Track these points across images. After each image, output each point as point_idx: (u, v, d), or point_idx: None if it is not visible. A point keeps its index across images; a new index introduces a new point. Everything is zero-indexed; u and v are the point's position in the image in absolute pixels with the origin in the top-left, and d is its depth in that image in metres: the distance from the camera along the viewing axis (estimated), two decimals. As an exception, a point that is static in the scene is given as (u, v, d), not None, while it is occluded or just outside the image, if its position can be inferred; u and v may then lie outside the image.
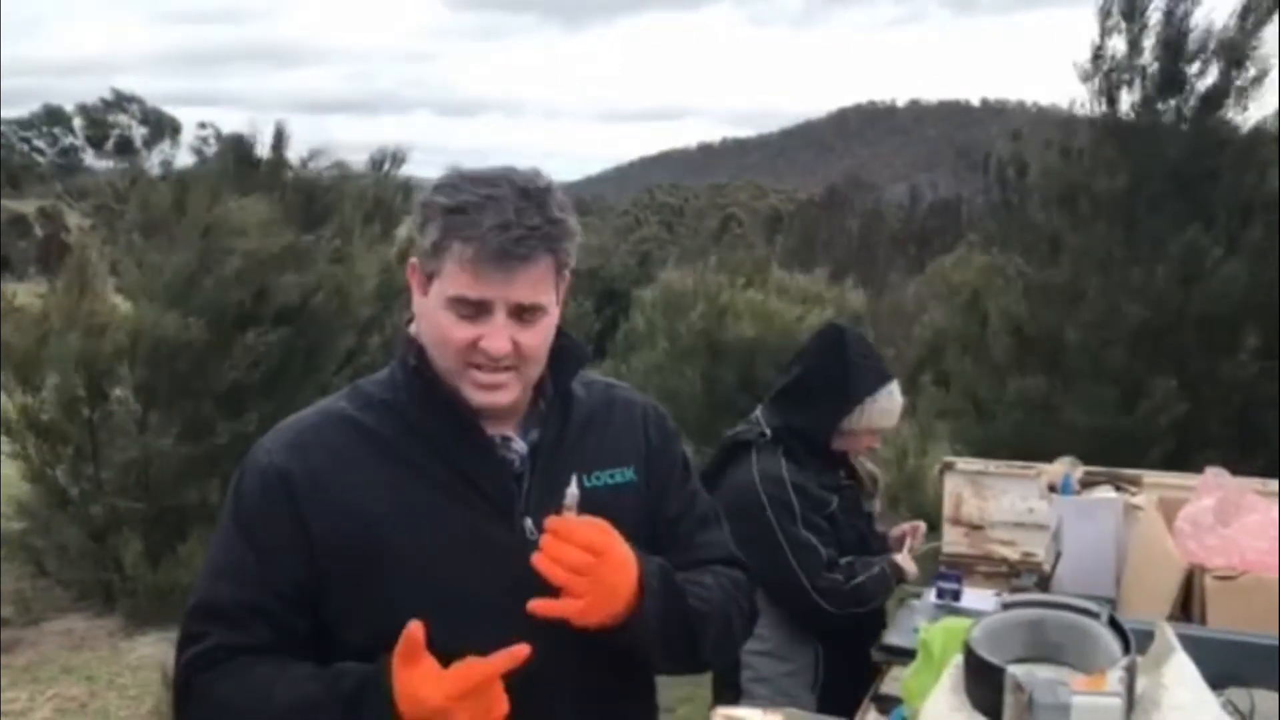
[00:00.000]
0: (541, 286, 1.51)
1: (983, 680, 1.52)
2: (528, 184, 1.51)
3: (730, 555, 1.81)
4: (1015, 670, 1.46)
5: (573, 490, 1.50)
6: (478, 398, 1.54)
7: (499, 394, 1.54)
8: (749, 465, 3.03)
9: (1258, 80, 5.99)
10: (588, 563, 1.46)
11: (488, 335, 1.49)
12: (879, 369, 3.10)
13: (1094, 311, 6.11)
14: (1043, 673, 1.48)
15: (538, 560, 1.46)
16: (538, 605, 1.45)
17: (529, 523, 1.56)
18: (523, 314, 1.51)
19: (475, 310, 1.50)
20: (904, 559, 3.17)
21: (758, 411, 3.18)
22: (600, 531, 1.49)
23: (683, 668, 1.72)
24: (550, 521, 1.47)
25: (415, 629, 1.38)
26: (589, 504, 1.58)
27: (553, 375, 1.66)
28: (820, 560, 2.96)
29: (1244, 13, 5.95)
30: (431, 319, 1.54)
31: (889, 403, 3.09)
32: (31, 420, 6.62)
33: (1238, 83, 6.01)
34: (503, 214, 1.46)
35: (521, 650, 1.40)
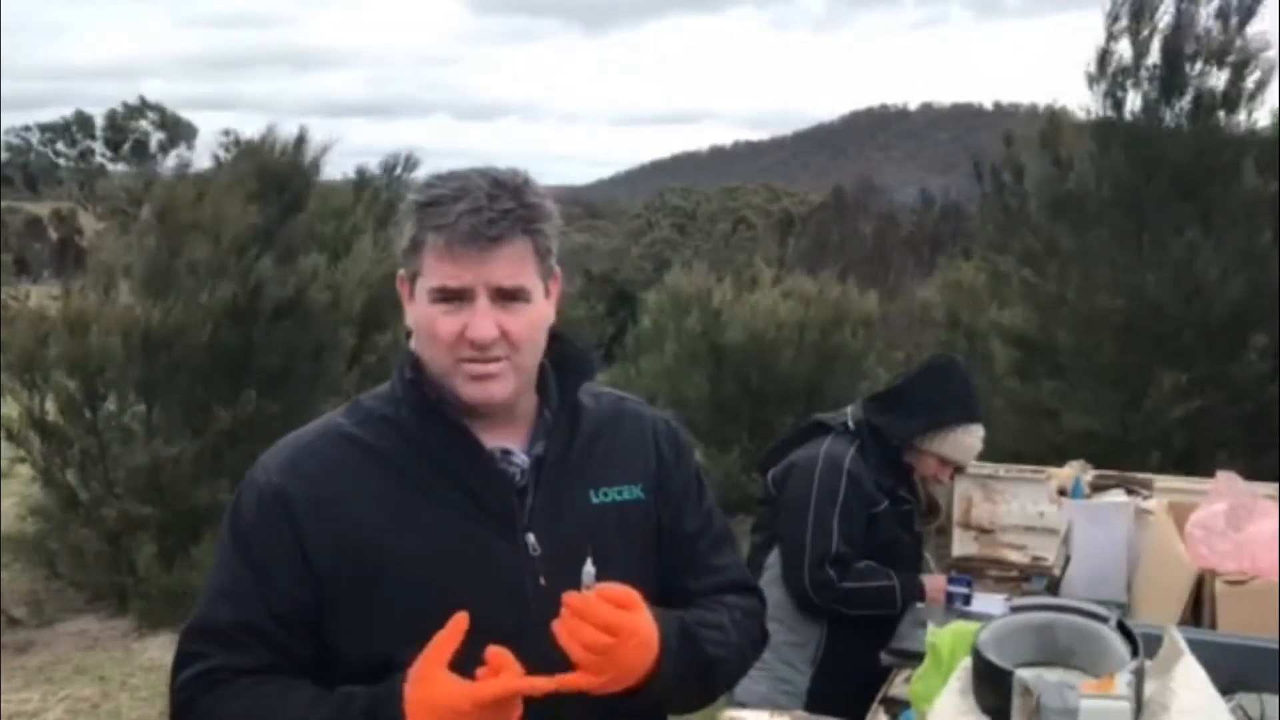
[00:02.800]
0: (520, 268, 1.49)
1: (990, 683, 1.52)
2: (501, 176, 1.51)
3: (744, 579, 1.80)
4: (1023, 673, 1.47)
5: (589, 570, 1.46)
6: (471, 392, 1.51)
7: (491, 385, 1.51)
8: (820, 445, 3.23)
9: (1262, 83, 5.99)
10: (606, 644, 1.42)
11: (472, 322, 1.47)
12: (969, 408, 3.27)
13: (1095, 315, 6.11)
14: (1051, 676, 1.48)
15: (557, 629, 1.43)
16: (557, 681, 1.42)
17: (531, 538, 1.54)
18: (505, 298, 1.49)
19: (457, 299, 1.48)
20: (932, 580, 3.29)
21: (850, 406, 3.36)
22: (622, 613, 1.45)
23: (696, 708, 1.72)
24: (569, 598, 1.43)
25: (460, 621, 1.39)
26: (597, 520, 1.58)
27: (559, 384, 1.64)
28: (829, 552, 3.11)
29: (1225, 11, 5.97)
30: (419, 319, 1.53)
31: (965, 438, 3.25)
32: (35, 423, 6.63)
33: (1243, 85, 6.01)
34: (475, 201, 1.46)
35: (549, 684, 1.39)
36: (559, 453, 1.60)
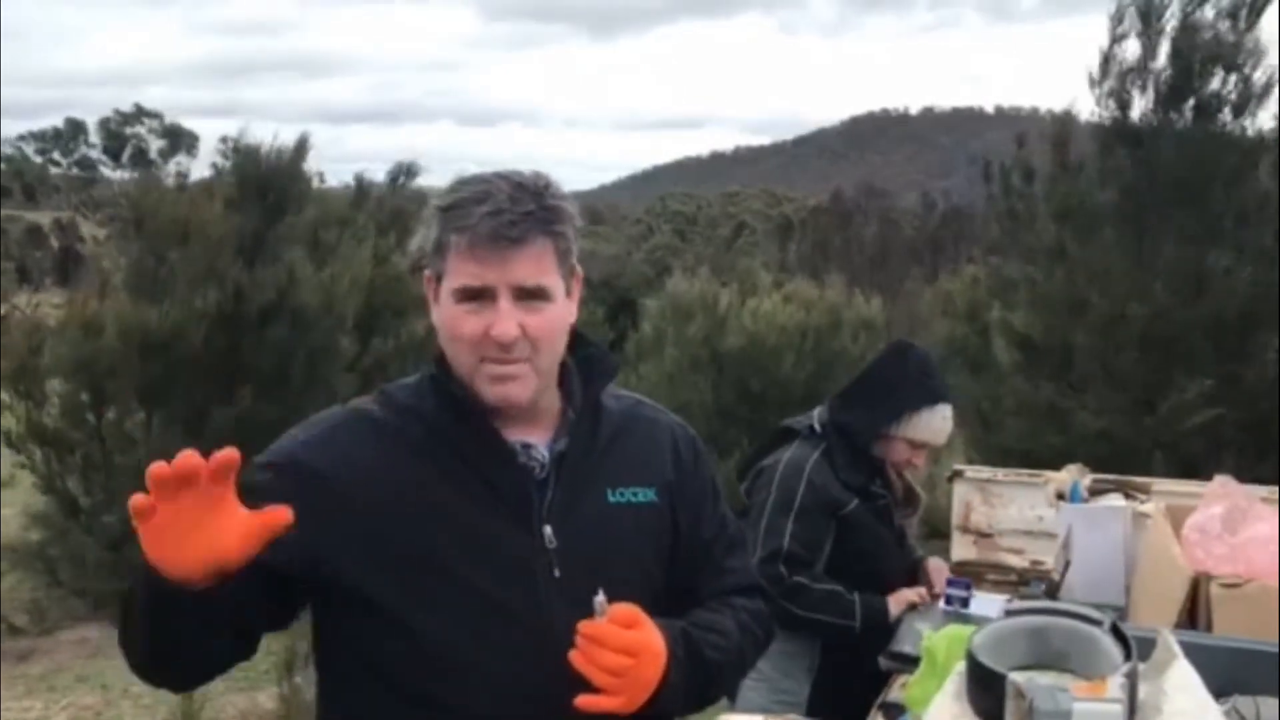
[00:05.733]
0: (542, 268, 1.53)
1: (984, 687, 1.52)
2: (524, 180, 1.54)
3: (753, 581, 1.83)
4: (1016, 677, 1.47)
5: (600, 599, 1.50)
6: (493, 392, 1.54)
7: (513, 386, 1.54)
8: (784, 452, 3.20)
9: (1266, 86, 6.00)
10: (627, 665, 1.48)
11: (495, 322, 1.50)
12: (933, 388, 3.21)
13: (1101, 318, 6.11)
14: (1044, 679, 1.49)
15: (575, 659, 1.47)
16: (582, 701, 1.47)
17: (548, 530, 1.57)
18: (527, 298, 1.52)
19: (480, 299, 1.51)
20: (896, 601, 3.20)
21: (818, 408, 3.32)
22: (634, 634, 1.50)
23: (696, 711, 1.74)
24: (584, 627, 1.48)
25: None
26: (612, 517, 1.62)
27: (583, 384, 1.67)
28: (779, 550, 3.07)
29: (1233, 12, 5.96)
30: (444, 319, 1.56)
31: (932, 419, 3.19)
32: (35, 430, 6.64)
33: (1240, 89, 6.01)
34: (497, 203, 1.50)
35: (232, 455, 1.29)
36: (581, 450, 1.64)
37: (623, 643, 1.48)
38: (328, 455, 1.56)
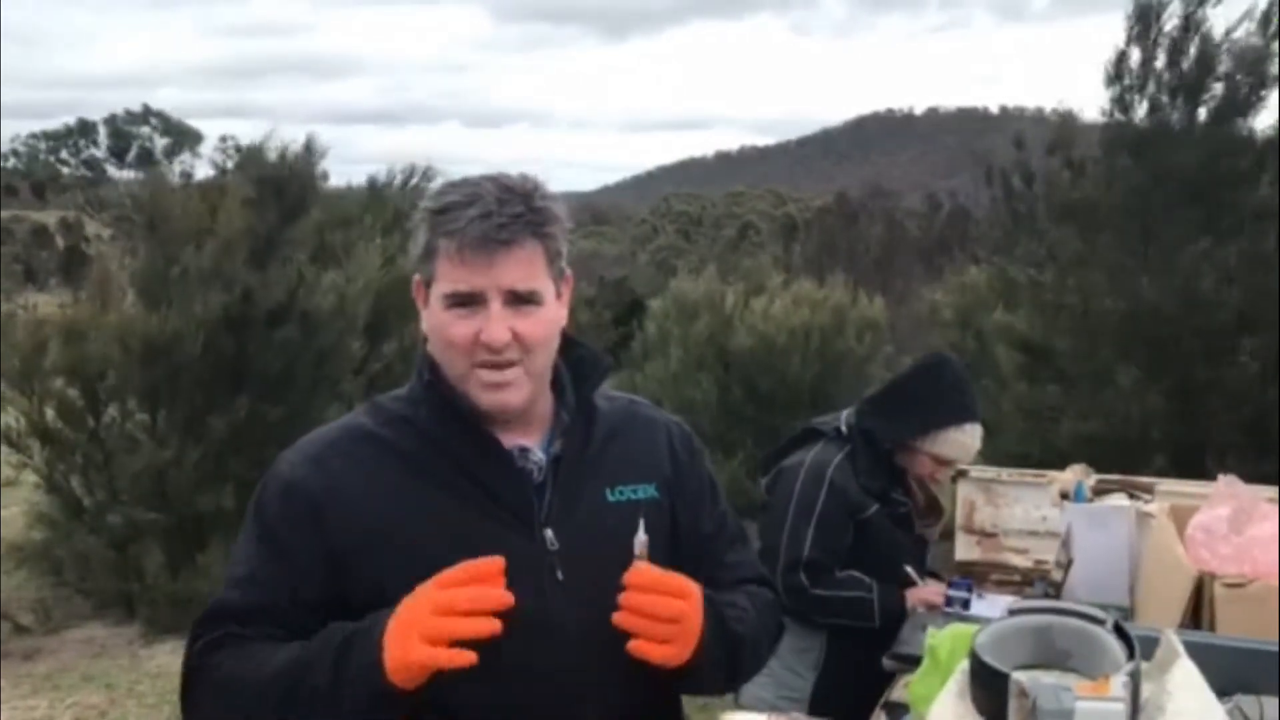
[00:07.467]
0: (532, 271, 1.52)
1: (988, 686, 1.52)
2: (512, 182, 1.54)
3: (759, 575, 1.83)
4: (1019, 676, 1.47)
5: (641, 537, 1.49)
6: (486, 398, 1.54)
7: (506, 392, 1.54)
8: (808, 453, 3.19)
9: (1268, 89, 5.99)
10: (681, 609, 1.47)
11: (486, 326, 1.50)
12: (965, 406, 3.19)
13: (1097, 320, 6.10)
14: (1047, 678, 1.49)
15: (622, 618, 1.46)
16: (635, 647, 1.46)
17: (549, 533, 1.57)
18: (518, 302, 1.52)
19: (470, 304, 1.51)
20: (914, 595, 3.23)
21: (846, 410, 3.31)
22: (677, 575, 1.50)
23: (717, 689, 1.73)
24: (634, 575, 1.47)
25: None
26: (611, 517, 1.61)
27: (575, 386, 1.67)
28: (800, 558, 3.08)
29: (1265, 20, 5.95)
30: (434, 324, 1.56)
31: (960, 436, 3.18)
32: (36, 429, 6.65)
33: (1247, 92, 6.00)
34: (485, 206, 1.49)
35: (507, 598, 1.41)
36: (576, 452, 1.64)
37: (675, 584, 1.47)
38: (324, 478, 1.56)
